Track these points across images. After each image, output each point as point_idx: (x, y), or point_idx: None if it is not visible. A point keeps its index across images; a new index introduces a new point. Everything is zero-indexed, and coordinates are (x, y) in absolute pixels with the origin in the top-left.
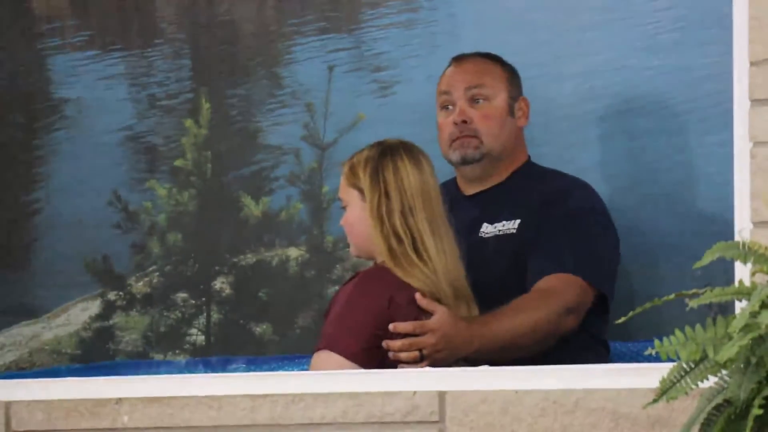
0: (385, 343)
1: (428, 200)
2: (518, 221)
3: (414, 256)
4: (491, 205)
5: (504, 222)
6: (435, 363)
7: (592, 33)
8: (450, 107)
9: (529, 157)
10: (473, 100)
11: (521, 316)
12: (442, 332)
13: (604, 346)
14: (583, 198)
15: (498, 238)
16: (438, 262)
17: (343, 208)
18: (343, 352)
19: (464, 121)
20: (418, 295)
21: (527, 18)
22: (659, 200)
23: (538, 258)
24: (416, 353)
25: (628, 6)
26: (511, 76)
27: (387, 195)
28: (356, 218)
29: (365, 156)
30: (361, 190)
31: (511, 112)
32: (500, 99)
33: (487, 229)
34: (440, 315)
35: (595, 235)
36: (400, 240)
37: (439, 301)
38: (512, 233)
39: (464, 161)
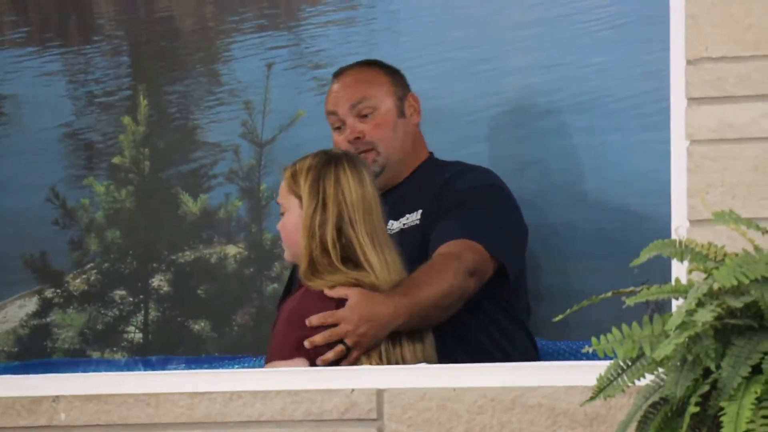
0: (307, 341)
1: (369, 213)
2: (420, 211)
3: (341, 267)
4: (395, 202)
5: (407, 215)
6: (369, 346)
7: (532, 29)
8: (341, 127)
9: (431, 153)
10: (361, 115)
11: (437, 281)
12: (358, 316)
13: (527, 333)
14: (480, 177)
15: (403, 232)
16: (381, 273)
17: (282, 213)
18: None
19: (357, 138)
20: (326, 289)
21: (467, 14)
22: (596, 197)
23: (438, 230)
24: (341, 347)
25: (568, 2)
26: (394, 78)
27: (324, 206)
28: (293, 225)
29: (307, 164)
30: (300, 198)
31: (401, 113)
32: (387, 104)
33: (393, 226)
34: (351, 300)
35: (493, 207)
36: (325, 252)
37: None
38: (416, 224)
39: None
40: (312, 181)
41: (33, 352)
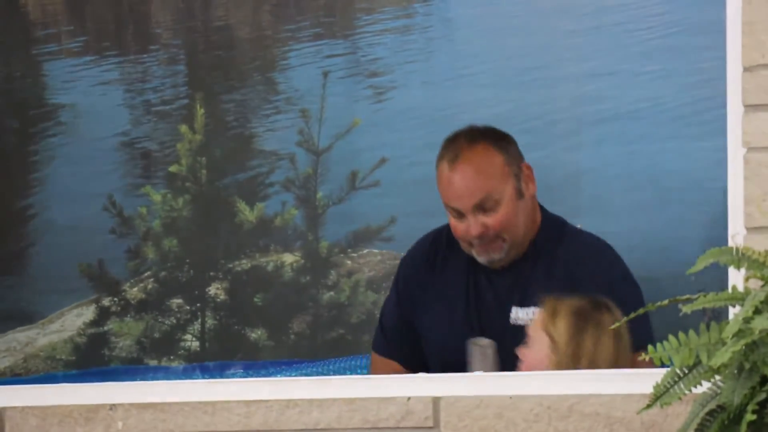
0: None
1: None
2: None
3: None
4: (516, 283)
5: (534, 309)
6: None
7: (587, 37)
8: (461, 216)
9: (542, 209)
10: (484, 210)
11: None
12: None
13: None
14: (609, 270)
15: (528, 328)
16: None
17: (527, 341)
18: None
19: (482, 232)
20: None
21: (522, 22)
22: (652, 205)
23: None
24: None
25: (622, 11)
26: (508, 153)
27: (577, 359)
28: (537, 361)
29: (572, 308)
30: (552, 338)
31: (520, 194)
32: (508, 193)
33: (518, 315)
34: None
35: (636, 304)
36: None
37: None
38: None
39: (492, 262)
40: (572, 331)
41: (90, 361)
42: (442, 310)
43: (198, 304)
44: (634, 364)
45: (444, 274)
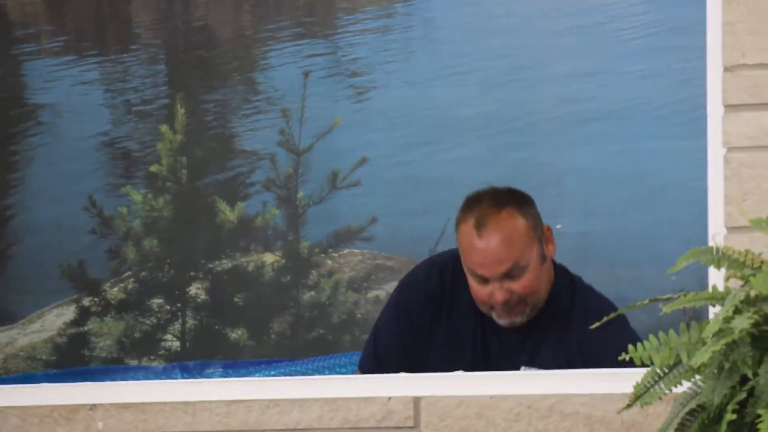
0: None
1: None
2: None
3: None
4: (525, 342)
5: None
6: None
7: (569, 38)
8: (484, 282)
9: (554, 264)
10: (511, 276)
11: None
12: None
13: None
14: (618, 338)
15: None
16: None
17: None
18: None
19: (508, 299)
20: None
21: (504, 23)
22: (634, 205)
23: None
24: None
25: (604, 11)
26: (531, 216)
27: None
28: None
29: None
30: None
31: (543, 258)
32: (533, 259)
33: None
34: None
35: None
36: None
37: None
38: None
39: (513, 325)
40: None
41: (71, 361)
42: (447, 353)
43: (178, 304)
44: None
45: (451, 314)
